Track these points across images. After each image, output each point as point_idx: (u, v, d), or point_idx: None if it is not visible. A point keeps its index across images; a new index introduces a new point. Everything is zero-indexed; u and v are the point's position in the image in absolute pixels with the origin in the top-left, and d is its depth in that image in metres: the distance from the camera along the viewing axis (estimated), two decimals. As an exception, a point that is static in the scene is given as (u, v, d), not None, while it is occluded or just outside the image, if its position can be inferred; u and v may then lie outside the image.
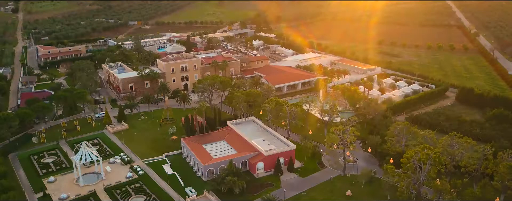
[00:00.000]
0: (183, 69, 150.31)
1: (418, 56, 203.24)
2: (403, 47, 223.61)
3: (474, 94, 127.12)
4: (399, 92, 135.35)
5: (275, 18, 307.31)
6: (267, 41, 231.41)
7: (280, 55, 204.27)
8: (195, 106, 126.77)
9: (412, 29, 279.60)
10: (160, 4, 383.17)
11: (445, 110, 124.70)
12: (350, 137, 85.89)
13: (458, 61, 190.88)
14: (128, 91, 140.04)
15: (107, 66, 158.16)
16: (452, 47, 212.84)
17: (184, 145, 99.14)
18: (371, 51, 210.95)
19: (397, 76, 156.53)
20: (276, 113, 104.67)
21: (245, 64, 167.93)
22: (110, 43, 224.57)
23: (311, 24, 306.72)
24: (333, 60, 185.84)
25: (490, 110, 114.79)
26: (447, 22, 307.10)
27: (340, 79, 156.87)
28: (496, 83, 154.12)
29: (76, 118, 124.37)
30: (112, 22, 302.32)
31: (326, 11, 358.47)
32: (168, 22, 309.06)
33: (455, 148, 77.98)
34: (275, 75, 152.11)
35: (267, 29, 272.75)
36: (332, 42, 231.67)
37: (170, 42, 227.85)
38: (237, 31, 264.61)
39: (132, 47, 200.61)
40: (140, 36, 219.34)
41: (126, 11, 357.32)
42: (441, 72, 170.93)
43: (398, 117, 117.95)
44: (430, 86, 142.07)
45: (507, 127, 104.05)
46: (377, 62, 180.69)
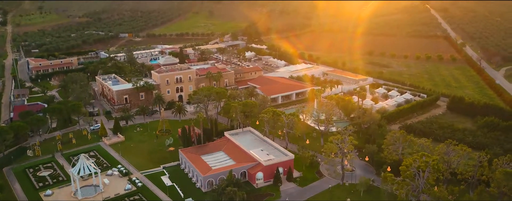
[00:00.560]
0: (178, 80, 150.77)
1: (408, 67, 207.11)
2: (392, 58, 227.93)
3: (465, 103, 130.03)
4: (392, 102, 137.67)
5: (265, 30, 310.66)
6: (259, 53, 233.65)
7: (273, 66, 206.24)
8: (191, 117, 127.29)
9: (400, 40, 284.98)
10: (150, 17, 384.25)
11: (437, 118, 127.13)
12: (348, 146, 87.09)
13: (447, 71, 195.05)
14: (123, 103, 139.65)
15: (100, 78, 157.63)
16: (440, 58, 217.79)
17: (182, 156, 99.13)
18: (361, 61, 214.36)
19: (389, 86, 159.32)
20: (274, 123, 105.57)
21: (239, 75, 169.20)
22: (101, 55, 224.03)
23: (300, 35, 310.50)
24: (325, 71, 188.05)
25: (481, 118, 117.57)
26: (433, 33, 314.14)
27: (333, 89, 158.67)
28: (485, 92, 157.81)
29: (71, 131, 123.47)
30: (102, 34, 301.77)
31: (315, 23, 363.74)
32: (159, 34, 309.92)
33: (451, 156, 79.62)
34: (270, 86, 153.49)
35: (258, 40, 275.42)
36: (322, 53, 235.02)
37: (162, 54, 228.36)
38: (228, 43, 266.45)
39: (124, 59, 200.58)
40: (132, 48, 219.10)
41: (116, 23, 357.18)
42: (431, 82, 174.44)
43: (392, 126, 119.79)
44: (421, 96, 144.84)
45: (499, 134, 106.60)
46: (369, 73, 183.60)
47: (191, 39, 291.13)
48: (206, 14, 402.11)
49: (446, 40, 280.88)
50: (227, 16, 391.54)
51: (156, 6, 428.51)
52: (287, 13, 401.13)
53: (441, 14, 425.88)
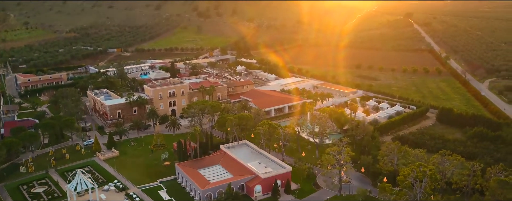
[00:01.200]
0: (171, 94, 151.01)
1: (396, 79, 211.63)
2: (380, 71, 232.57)
3: (454, 114, 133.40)
4: (384, 114, 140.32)
5: (254, 44, 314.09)
6: (249, 67, 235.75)
7: (263, 80, 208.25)
8: (185, 131, 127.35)
9: (386, 54, 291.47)
10: (138, 32, 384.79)
11: (428, 129, 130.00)
12: (345, 157, 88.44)
13: (433, 84, 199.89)
14: (116, 118, 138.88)
15: (92, 93, 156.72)
16: (426, 71, 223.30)
17: (179, 170, 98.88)
18: (350, 75, 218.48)
19: (379, 99, 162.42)
20: (270, 136, 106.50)
21: (231, 89, 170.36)
22: (91, 70, 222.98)
23: (289, 49, 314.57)
24: (315, 84, 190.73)
25: (470, 128, 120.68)
26: (418, 46, 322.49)
27: (324, 102, 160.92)
28: (471, 104, 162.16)
29: (64, 146, 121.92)
30: (91, 49, 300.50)
31: (302, 37, 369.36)
32: (148, 49, 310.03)
33: (446, 165, 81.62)
34: (262, 99, 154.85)
35: (247, 55, 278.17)
36: (311, 66, 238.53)
37: (152, 69, 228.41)
38: (218, 57, 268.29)
39: (114, 74, 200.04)
40: (122, 63, 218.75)
41: (104, 38, 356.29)
42: (419, 94, 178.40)
43: (384, 138, 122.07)
44: (411, 108, 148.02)
45: (488, 144, 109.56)
46: (358, 86, 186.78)
47: (180, 54, 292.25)
48: (194, 29, 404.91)
49: (431, 54, 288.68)
50: (215, 31, 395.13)
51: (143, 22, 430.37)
52: (275, 28, 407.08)
53: (424, 29, 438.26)
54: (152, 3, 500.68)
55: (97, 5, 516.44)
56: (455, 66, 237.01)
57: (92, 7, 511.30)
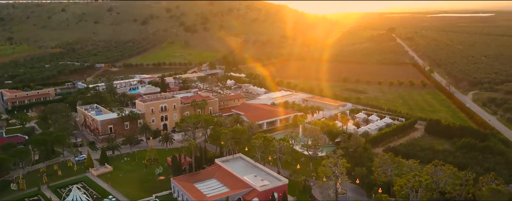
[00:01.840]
0: (163, 109, 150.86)
1: (383, 92, 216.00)
2: (367, 84, 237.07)
3: (442, 126, 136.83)
4: (374, 126, 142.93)
5: (242, 59, 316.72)
6: (238, 81, 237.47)
7: (253, 94, 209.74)
8: (178, 145, 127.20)
9: (371, 67, 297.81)
10: (125, 47, 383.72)
11: (417, 141, 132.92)
12: (340, 169, 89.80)
13: (419, 96, 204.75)
14: (107, 133, 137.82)
15: (82, 108, 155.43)
16: (412, 83, 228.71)
17: (175, 184, 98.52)
18: (338, 88, 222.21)
19: (368, 111, 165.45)
20: (265, 149, 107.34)
21: (223, 102, 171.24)
22: (79, 85, 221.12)
23: (276, 64, 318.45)
24: (304, 97, 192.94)
25: (458, 139, 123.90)
26: (402, 60, 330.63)
27: (314, 115, 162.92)
28: (457, 115, 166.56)
29: (55, 162, 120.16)
30: (78, 64, 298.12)
31: (288, 52, 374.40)
32: (136, 64, 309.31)
33: (440, 175, 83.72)
34: (254, 113, 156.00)
35: (236, 69, 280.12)
36: (299, 80, 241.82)
37: (142, 84, 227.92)
38: (207, 72, 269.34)
39: (104, 89, 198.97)
40: (111, 78, 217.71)
41: (91, 53, 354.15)
42: (406, 107, 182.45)
43: (375, 149, 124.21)
44: (400, 120, 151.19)
45: (477, 154, 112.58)
46: (347, 99, 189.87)
47: (169, 68, 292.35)
48: (182, 44, 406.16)
49: (415, 67, 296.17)
50: (203, 46, 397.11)
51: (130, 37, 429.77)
52: (261, 42, 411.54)
53: (407, 43, 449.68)
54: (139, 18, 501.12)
55: (83, 21, 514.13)
56: (439, 79, 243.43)
57: (78, 23, 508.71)
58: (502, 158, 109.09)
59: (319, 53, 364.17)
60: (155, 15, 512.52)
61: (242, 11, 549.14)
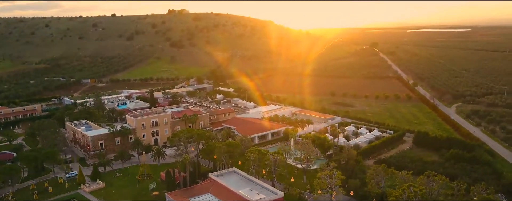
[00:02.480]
0: (154, 124, 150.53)
1: (369, 106, 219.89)
2: (354, 98, 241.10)
3: (429, 137, 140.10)
4: (364, 139, 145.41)
5: (229, 74, 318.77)
6: (227, 95, 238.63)
7: (242, 108, 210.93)
8: (170, 160, 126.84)
9: (357, 81, 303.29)
10: (111, 62, 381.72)
11: (406, 152, 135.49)
12: (336, 181, 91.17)
13: (405, 109, 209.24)
14: (98, 149, 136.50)
15: (72, 124, 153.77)
16: (397, 97, 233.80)
17: (170, 199, 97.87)
18: (326, 102, 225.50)
19: (357, 124, 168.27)
20: (259, 162, 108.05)
21: (213, 117, 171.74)
22: (65, 101, 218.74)
23: (264, 78, 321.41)
24: (293, 111, 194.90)
25: (446, 150, 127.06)
26: (386, 74, 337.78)
27: (305, 128, 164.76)
28: (443, 127, 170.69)
29: (45, 179, 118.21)
30: (64, 80, 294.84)
31: (275, 67, 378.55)
32: (123, 79, 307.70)
33: (433, 186, 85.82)
34: (245, 127, 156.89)
35: (224, 84, 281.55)
36: (287, 94, 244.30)
37: (130, 99, 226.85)
38: (195, 86, 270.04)
39: (91, 105, 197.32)
40: (100, 94, 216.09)
41: (76, 69, 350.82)
42: (393, 119, 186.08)
43: (367, 161, 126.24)
44: (388, 132, 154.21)
45: (465, 165, 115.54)
46: (335, 112, 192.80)
47: (156, 83, 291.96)
48: (168, 59, 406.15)
49: (399, 81, 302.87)
50: (189, 61, 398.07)
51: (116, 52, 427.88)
52: (248, 57, 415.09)
53: (389, 57, 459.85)
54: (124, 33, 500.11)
55: (67, 36, 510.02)
56: (423, 93, 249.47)
57: (62, 38, 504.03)
58: (489, 168, 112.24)
59: (305, 68, 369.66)
60: (140, 30, 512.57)
61: (228, 27, 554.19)
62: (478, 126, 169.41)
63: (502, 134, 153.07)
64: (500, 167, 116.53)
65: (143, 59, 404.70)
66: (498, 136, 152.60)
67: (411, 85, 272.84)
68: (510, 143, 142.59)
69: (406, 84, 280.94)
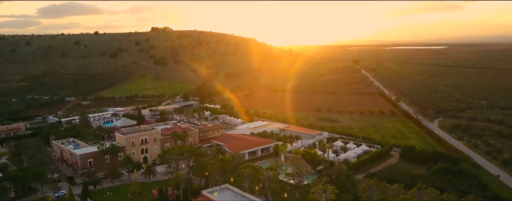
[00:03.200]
0: (143, 141, 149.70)
1: (355, 121, 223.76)
2: (339, 114, 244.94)
3: (416, 151, 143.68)
4: (352, 154, 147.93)
5: (215, 90, 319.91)
6: (214, 112, 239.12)
7: (230, 124, 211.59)
8: (161, 177, 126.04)
9: (341, 97, 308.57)
10: (95, 80, 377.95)
11: (394, 166, 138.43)
12: (330, 195, 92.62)
13: (390, 124, 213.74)
14: (87, 167, 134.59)
15: (59, 142, 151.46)
16: (381, 112, 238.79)
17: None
18: (312, 118, 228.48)
19: (345, 139, 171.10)
20: (252, 178, 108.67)
21: (202, 134, 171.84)
22: (50, 119, 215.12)
23: (249, 95, 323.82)
24: (281, 127, 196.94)
25: (433, 164, 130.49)
26: (369, 90, 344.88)
27: (293, 144, 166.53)
28: (427, 141, 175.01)
29: (33, 199, 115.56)
30: (47, 98, 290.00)
31: (260, 83, 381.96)
32: (107, 97, 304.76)
33: (424, 198, 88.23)
34: (235, 143, 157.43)
35: (210, 100, 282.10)
36: (274, 110, 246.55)
37: (116, 117, 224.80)
38: (181, 104, 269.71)
39: (77, 123, 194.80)
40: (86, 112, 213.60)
41: (59, 87, 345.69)
42: (379, 134, 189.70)
43: (356, 176, 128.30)
44: (375, 147, 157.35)
45: (452, 178, 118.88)
46: (322, 127, 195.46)
47: (141, 101, 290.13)
48: (152, 77, 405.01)
49: (382, 97, 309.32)
50: (174, 78, 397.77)
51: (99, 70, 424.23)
52: (233, 74, 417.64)
53: (371, 74, 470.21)
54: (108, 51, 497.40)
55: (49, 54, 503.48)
56: (406, 108, 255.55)
57: (44, 56, 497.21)
58: (475, 180, 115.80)
59: (290, 84, 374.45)
60: (124, 48, 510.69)
61: (212, 44, 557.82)
62: (460, 140, 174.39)
63: (484, 147, 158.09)
64: (485, 179, 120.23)
65: (127, 77, 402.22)
66: (480, 149, 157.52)
67: (394, 101, 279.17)
68: (492, 156, 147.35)
69: (389, 100, 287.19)
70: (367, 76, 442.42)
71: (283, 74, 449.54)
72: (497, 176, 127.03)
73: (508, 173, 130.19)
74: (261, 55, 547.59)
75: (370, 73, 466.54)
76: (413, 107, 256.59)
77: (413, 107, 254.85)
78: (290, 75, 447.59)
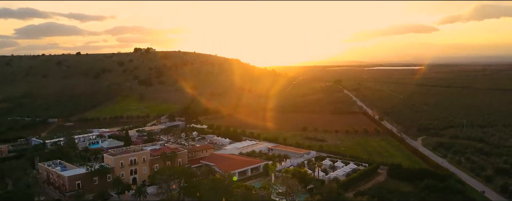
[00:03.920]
0: (132, 162, 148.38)
1: (341, 140, 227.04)
2: (325, 133, 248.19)
3: (403, 169, 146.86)
4: (341, 172, 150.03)
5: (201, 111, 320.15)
6: (201, 132, 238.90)
7: (218, 144, 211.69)
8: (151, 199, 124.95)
9: (326, 117, 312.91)
10: (78, 101, 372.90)
11: (383, 184, 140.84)
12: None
13: (375, 143, 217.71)
14: (75, 189, 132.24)
15: (45, 164, 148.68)
16: (366, 131, 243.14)
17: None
18: (299, 137, 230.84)
19: (332, 158, 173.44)
20: (245, 198, 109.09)
21: (191, 154, 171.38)
22: (33, 141, 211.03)
23: (235, 114, 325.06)
24: (269, 146, 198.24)
25: (420, 181, 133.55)
26: (352, 109, 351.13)
27: (283, 163, 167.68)
28: (413, 159, 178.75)
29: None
30: (29, 120, 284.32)
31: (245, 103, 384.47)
32: (92, 118, 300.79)
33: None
34: (224, 163, 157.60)
35: (196, 121, 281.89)
36: (260, 130, 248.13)
37: (101, 138, 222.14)
38: (167, 124, 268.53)
39: (62, 144, 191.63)
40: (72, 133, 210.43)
41: (41, 108, 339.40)
42: (365, 153, 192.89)
43: (347, 194, 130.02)
44: (363, 165, 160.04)
45: (440, 195, 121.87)
46: (310, 147, 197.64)
47: (127, 122, 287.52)
48: (137, 97, 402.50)
49: (365, 116, 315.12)
50: (159, 99, 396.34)
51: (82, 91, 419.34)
52: (218, 94, 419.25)
53: (353, 93, 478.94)
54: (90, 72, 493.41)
55: (30, 75, 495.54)
56: (390, 127, 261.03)
57: (24, 77, 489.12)
58: (462, 196, 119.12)
59: (275, 104, 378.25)
60: (107, 69, 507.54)
61: (196, 65, 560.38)
62: (444, 157, 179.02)
63: (468, 164, 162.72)
64: (472, 195, 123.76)
65: (111, 98, 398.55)
66: (464, 166, 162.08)
67: (377, 120, 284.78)
68: (476, 172, 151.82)
69: (372, 119, 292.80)
70: (350, 96, 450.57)
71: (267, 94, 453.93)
72: (482, 192, 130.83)
73: (492, 189, 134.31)
74: (245, 75, 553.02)
75: (353, 93, 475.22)
76: (397, 125, 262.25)
77: (396, 126, 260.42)
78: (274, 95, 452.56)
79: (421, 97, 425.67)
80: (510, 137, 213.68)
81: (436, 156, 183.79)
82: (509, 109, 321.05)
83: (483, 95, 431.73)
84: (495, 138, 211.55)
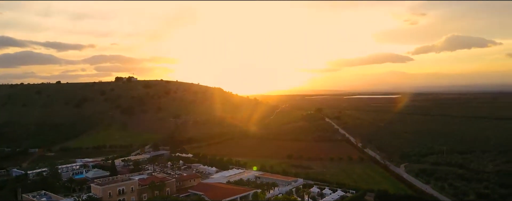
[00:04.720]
0: (120, 192, 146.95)
1: (326, 167, 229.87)
2: (309, 160, 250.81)
3: (390, 195, 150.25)
4: (330, 199, 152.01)
5: (186, 139, 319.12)
6: (186, 161, 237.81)
7: (204, 173, 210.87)
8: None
9: (310, 144, 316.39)
10: (60, 130, 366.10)
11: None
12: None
13: (360, 170, 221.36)
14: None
15: (30, 196, 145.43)
16: (350, 158, 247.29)
17: None
18: (285, 165, 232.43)
19: (320, 185, 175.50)
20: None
21: (179, 183, 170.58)
22: (14, 172, 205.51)
23: (221, 143, 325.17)
24: (257, 174, 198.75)
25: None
26: (335, 137, 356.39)
27: (271, 191, 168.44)
28: (397, 186, 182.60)
29: None
30: (9, 150, 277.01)
31: (230, 131, 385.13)
32: (74, 147, 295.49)
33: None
34: (213, 192, 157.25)
35: (181, 149, 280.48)
36: (246, 158, 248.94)
37: (85, 168, 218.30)
38: (152, 153, 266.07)
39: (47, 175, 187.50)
40: (56, 163, 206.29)
41: (22, 138, 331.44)
42: (351, 180, 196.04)
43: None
44: (351, 192, 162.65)
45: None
46: (297, 174, 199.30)
47: (110, 151, 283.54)
48: (119, 126, 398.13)
49: (348, 143, 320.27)
50: (142, 127, 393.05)
51: (63, 120, 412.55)
52: (202, 123, 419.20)
53: (335, 121, 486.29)
54: (71, 100, 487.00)
55: (9, 104, 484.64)
56: (373, 154, 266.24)
57: (3, 106, 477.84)
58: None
59: (258, 132, 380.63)
60: (89, 97, 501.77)
61: (179, 94, 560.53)
62: (427, 183, 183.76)
63: (451, 190, 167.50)
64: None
65: (93, 127, 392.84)
66: (447, 191, 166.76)
67: (360, 147, 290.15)
68: (458, 197, 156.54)
69: (355, 147, 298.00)
70: (332, 124, 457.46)
71: (250, 122, 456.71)
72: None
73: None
74: (227, 103, 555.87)
75: (334, 121, 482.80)
76: (379, 152, 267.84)
77: (379, 153, 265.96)
78: (257, 123, 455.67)
79: (401, 125, 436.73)
80: (489, 163, 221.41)
81: (419, 182, 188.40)
82: (485, 135, 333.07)
83: (459, 123, 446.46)
84: (475, 164, 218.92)
